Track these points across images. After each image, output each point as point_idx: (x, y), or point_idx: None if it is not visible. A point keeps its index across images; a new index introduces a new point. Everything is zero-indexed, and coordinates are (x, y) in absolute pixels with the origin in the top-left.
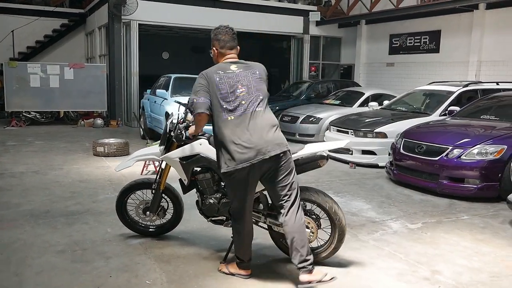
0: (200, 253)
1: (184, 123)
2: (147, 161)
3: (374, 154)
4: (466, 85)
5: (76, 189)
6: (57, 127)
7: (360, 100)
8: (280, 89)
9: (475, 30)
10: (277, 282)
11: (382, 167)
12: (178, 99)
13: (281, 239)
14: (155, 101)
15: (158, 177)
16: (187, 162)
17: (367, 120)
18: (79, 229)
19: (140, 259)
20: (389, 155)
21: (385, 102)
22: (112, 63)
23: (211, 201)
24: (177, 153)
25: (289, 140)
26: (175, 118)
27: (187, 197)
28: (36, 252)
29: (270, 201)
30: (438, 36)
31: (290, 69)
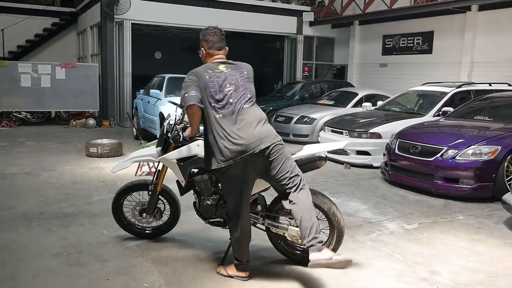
0: (198, 255)
1: (182, 124)
2: (142, 162)
3: (369, 155)
4: (459, 86)
5: (70, 191)
6: (49, 128)
7: (354, 101)
8: (273, 89)
9: (468, 32)
10: (276, 284)
11: (377, 168)
12: (173, 100)
13: (279, 241)
14: (149, 101)
15: (155, 179)
16: (185, 164)
17: (362, 121)
18: (74, 231)
19: (137, 262)
20: (384, 156)
21: (379, 103)
22: (105, 63)
23: (209, 203)
24: (174, 155)
25: (283, 141)
26: (172, 119)
27: (183, 198)
28: (31, 255)
29: (273, 197)
30: (431, 37)
31: (284, 70)
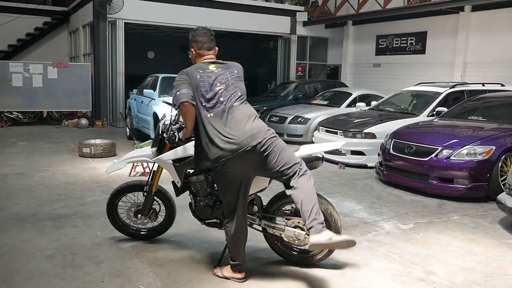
0: (194, 256)
1: (177, 125)
2: (135, 163)
3: (363, 155)
4: (453, 86)
5: (63, 192)
6: (41, 128)
7: (348, 101)
8: (267, 89)
9: (461, 32)
10: (273, 285)
11: (371, 168)
12: (166, 100)
13: (276, 242)
14: (142, 101)
15: (150, 179)
16: (180, 164)
17: (356, 121)
18: (68, 233)
19: (133, 263)
20: (379, 156)
21: (373, 103)
22: (97, 62)
23: (205, 204)
24: (170, 155)
25: None
26: (168, 120)
27: (178, 199)
28: (25, 257)
29: (269, 198)
30: (424, 38)
31: (277, 69)
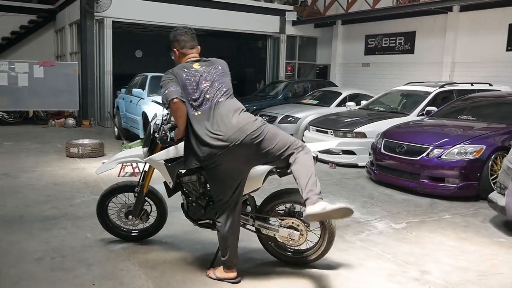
0: (186, 258)
1: (169, 124)
2: (125, 163)
3: (354, 154)
4: (442, 86)
5: (51, 193)
6: (26, 128)
7: (338, 100)
8: (256, 89)
9: (449, 32)
10: (267, 286)
11: (362, 167)
12: (156, 99)
13: (270, 242)
14: (131, 101)
15: (141, 180)
16: (172, 164)
17: (346, 120)
18: (57, 235)
19: (124, 266)
20: (370, 155)
21: (363, 102)
22: (85, 61)
23: (197, 204)
24: (162, 155)
25: None
26: (159, 119)
27: (169, 199)
28: (12, 261)
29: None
30: (413, 37)
31: (266, 69)
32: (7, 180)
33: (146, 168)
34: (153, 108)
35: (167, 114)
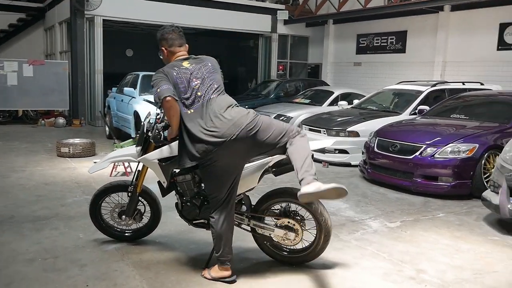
0: (181, 258)
1: (162, 123)
2: (117, 162)
3: (347, 153)
4: (434, 85)
5: (42, 192)
6: (16, 127)
7: (330, 99)
8: (248, 88)
9: (440, 31)
10: (262, 286)
11: (355, 166)
12: (148, 98)
13: (265, 242)
14: (122, 100)
15: (135, 179)
16: (167, 164)
17: (339, 119)
18: (49, 235)
19: (118, 266)
20: (363, 154)
21: (355, 101)
22: (75, 60)
23: (192, 204)
24: (156, 155)
25: None
26: (153, 118)
27: (163, 199)
28: (4, 262)
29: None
30: (404, 37)
31: (258, 68)
32: None
33: (140, 168)
34: (145, 107)
35: (161, 113)
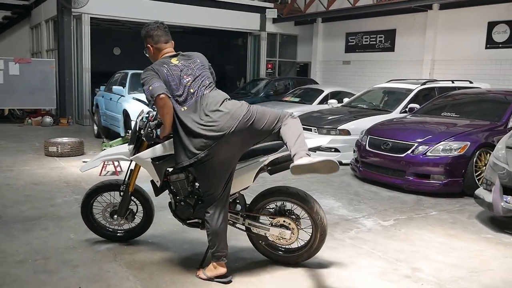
0: (174, 258)
1: (155, 121)
2: (106, 161)
3: (338, 151)
4: (424, 83)
5: (31, 192)
6: (2, 126)
7: (320, 98)
8: (236, 87)
9: (429, 30)
10: (259, 286)
11: (346, 164)
12: (137, 96)
13: (260, 241)
14: (111, 98)
15: (127, 178)
16: (160, 163)
17: (330, 118)
18: (39, 236)
19: (111, 267)
20: (354, 152)
21: (345, 100)
22: (62, 59)
23: (186, 203)
24: (149, 153)
25: None
26: (146, 116)
27: (154, 198)
28: None
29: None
30: (393, 35)
31: (247, 66)
32: None
33: (132, 166)
34: (135, 106)
35: (153, 111)
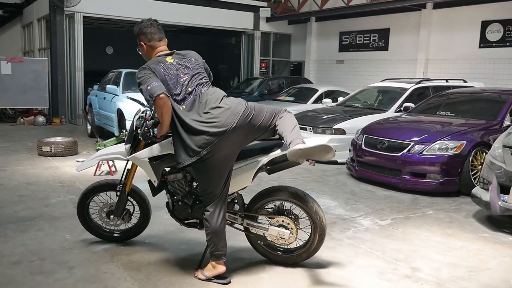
0: (172, 258)
1: (152, 120)
2: (101, 161)
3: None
4: (419, 82)
5: (25, 193)
6: None
7: (314, 97)
8: (230, 86)
9: (423, 29)
10: (257, 286)
11: (341, 164)
12: (131, 95)
13: (259, 241)
14: (105, 98)
15: (124, 178)
16: (157, 163)
17: (325, 117)
18: (34, 237)
19: (108, 268)
20: (350, 152)
21: (340, 99)
22: (55, 58)
23: (184, 203)
24: (146, 153)
25: None
26: (143, 114)
27: (150, 198)
28: None
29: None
30: (387, 34)
31: (241, 66)
32: None
33: (129, 166)
34: (129, 105)
35: (150, 110)
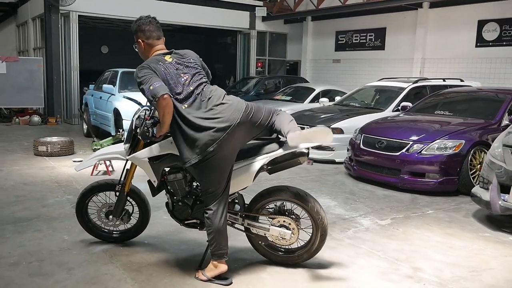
0: (172, 259)
1: (152, 120)
2: (98, 161)
3: (331, 150)
4: (416, 82)
5: (21, 193)
6: None
7: (311, 96)
8: (226, 85)
9: (419, 28)
10: (259, 286)
11: (339, 163)
12: (128, 95)
13: (260, 242)
14: (101, 97)
15: (123, 178)
16: (157, 163)
17: (323, 116)
18: (32, 238)
19: (107, 269)
20: (348, 151)
21: (337, 98)
22: (50, 57)
23: (184, 203)
24: (145, 153)
25: None
26: (142, 114)
27: (149, 198)
28: None
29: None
30: (383, 34)
31: (237, 65)
32: None
33: (128, 166)
34: (126, 105)
35: (150, 110)
